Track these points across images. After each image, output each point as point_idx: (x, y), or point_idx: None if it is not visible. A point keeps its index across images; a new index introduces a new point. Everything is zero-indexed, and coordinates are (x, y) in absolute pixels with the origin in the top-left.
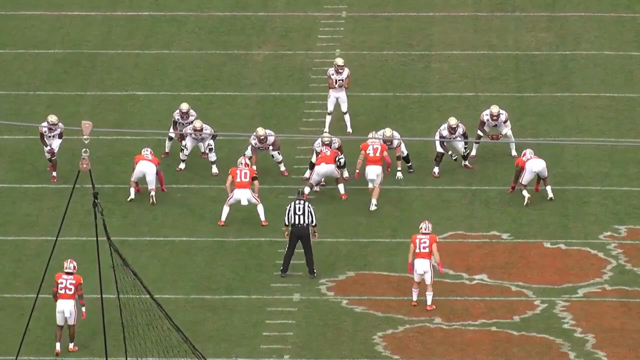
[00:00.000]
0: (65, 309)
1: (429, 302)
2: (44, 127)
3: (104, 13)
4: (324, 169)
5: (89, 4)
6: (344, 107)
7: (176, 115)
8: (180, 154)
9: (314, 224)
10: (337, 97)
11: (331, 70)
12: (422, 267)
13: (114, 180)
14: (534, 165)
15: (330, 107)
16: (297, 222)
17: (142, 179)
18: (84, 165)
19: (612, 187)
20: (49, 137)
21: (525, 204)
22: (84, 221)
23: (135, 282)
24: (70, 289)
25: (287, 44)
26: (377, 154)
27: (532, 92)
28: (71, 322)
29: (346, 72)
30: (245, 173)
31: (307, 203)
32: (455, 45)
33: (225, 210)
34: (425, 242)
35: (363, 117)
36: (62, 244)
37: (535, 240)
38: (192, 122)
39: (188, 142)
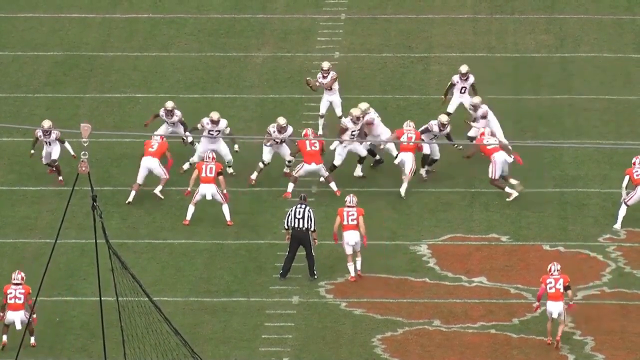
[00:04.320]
0: (16, 319)
1: (358, 267)
2: (38, 132)
3: (102, 15)
4: (313, 167)
5: (88, 6)
6: (338, 111)
7: (161, 112)
8: (191, 159)
9: (312, 229)
10: (331, 101)
11: (319, 75)
12: (353, 239)
13: (113, 182)
14: (503, 155)
15: (323, 110)
16: (296, 226)
17: (149, 177)
18: (83, 168)
19: (612, 190)
20: (47, 142)
21: (518, 192)
22: (83, 224)
23: (134, 285)
24: (19, 298)
25: (286, 46)
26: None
27: (532, 95)
28: (19, 328)
29: (330, 75)
30: (211, 168)
31: (307, 207)
32: (455, 48)
33: (191, 209)
34: (353, 215)
35: None
36: (61, 246)
37: (535, 243)
38: (176, 121)
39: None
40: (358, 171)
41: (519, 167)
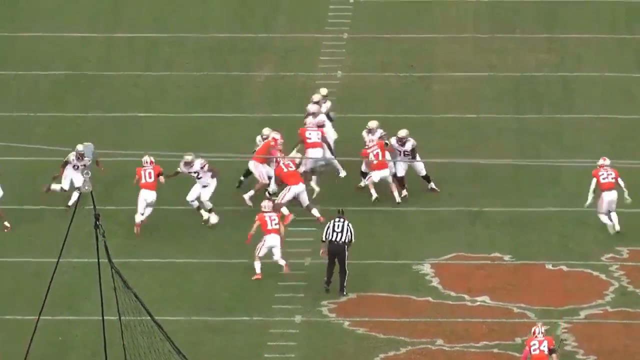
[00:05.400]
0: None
1: (283, 263)
2: (71, 156)
3: (104, 34)
4: (300, 188)
5: (89, 25)
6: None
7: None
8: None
9: (350, 241)
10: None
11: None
12: (273, 242)
13: (115, 201)
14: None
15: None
16: (335, 239)
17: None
18: (86, 187)
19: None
20: (75, 167)
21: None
22: (85, 242)
23: (136, 303)
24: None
25: (288, 65)
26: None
27: (533, 114)
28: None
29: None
30: (150, 173)
31: (347, 221)
32: (456, 67)
33: (138, 218)
34: (275, 219)
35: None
36: (63, 265)
37: (537, 262)
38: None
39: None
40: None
41: (522, 186)
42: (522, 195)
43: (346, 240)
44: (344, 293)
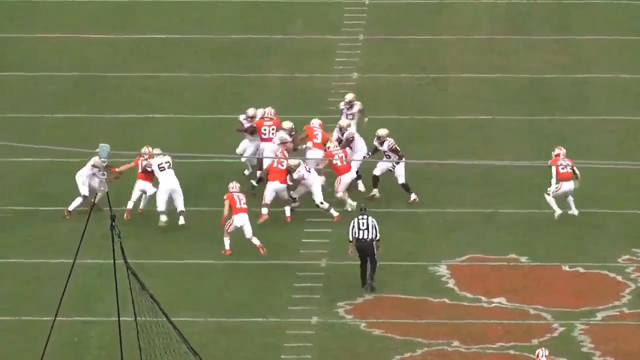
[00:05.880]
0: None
1: (257, 244)
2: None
3: (114, 35)
4: (277, 186)
5: (99, 26)
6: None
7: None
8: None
9: (377, 238)
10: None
11: (341, 105)
12: (242, 221)
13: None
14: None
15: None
16: (362, 237)
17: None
18: (102, 188)
19: (629, 210)
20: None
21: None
22: (101, 244)
23: (152, 304)
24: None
25: (303, 67)
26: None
27: (546, 115)
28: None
29: (356, 106)
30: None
31: (370, 218)
32: (470, 68)
33: (130, 204)
34: (243, 199)
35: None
36: (78, 266)
37: (553, 264)
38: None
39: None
40: (360, 187)
41: (537, 187)
42: (537, 197)
43: (372, 237)
44: (374, 289)
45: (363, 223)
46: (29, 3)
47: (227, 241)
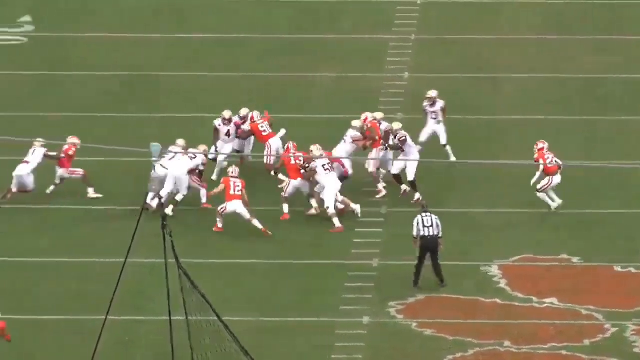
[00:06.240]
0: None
1: (260, 227)
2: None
3: (168, 35)
4: (299, 183)
5: (153, 26)
6: (443, 139)
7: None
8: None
9: (440, 235)
10: (435, 130)
11: (424, 103)
12: (234, 207)
13: (180, 202)
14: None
15: (423, 138)
16: (427, 234)
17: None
18: (153, 187)
19: None
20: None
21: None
22: (151, 243)
23: (203, 304)
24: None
25: (354, 67)
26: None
27: (599, 115)
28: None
29: (439, 104)
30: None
31: (433, 215)
32: (522, 68)
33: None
34: (238, 186)
35: (430, 140)
36: (129, 265)
37: (606, 264)
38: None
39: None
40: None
41: (590, 187)
42: (590, 197)
43: (436, 234)
44: (444, 284)
45: (427, 220)
46: (81, 3)
47: (220, 221)
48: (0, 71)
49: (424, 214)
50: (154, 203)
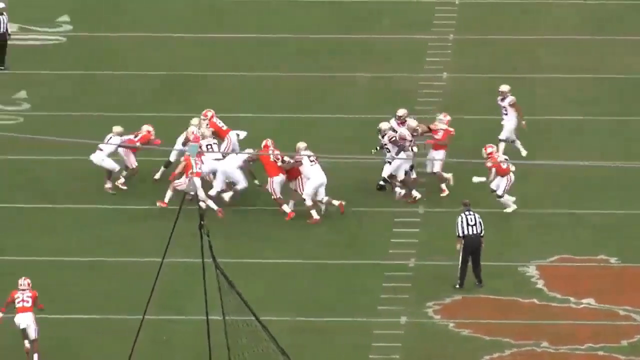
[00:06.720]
0: (23, 321)
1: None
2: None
3: (207, 35)
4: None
5: (194, 26)
6: (502, 135)
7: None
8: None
9: (482, 234)
10: (503, 124)
11: (498, 99)
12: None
13: (217, 201)
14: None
15: (504, 135)
16: (471, 232)
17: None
18: (191, 187)
19: None
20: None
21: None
22: (189, 242)
23: (240, 304)
24: (27, 301)
25: (393, 67)
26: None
27: (635, 116)
28: (33, 335)
29: (508, 99)
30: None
31: (476, 214)
32: (560, 69)
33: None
34: (199, 164)
35: (468, 140)
36: (166, 265)
37: None
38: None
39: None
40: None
41: (627, 188)
42: (627, 198)
43: (480, 232)
44: (482, 284)
45: (471, 219)
46: (119, 3)
47: (169, 194)
48: (39, 71)
49: (467, 213)
50: (227, 195)
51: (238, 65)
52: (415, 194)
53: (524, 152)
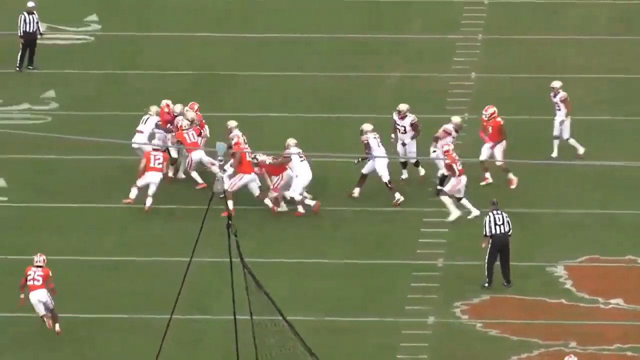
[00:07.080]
0: (34, 298)
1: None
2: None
3: (236, 34)
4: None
5: (222, 26)
6: (565, 134)
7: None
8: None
9: (510, 233)
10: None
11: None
12: (152, 179)
13: (245, 201)
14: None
15: (556, 132)
16: (499, 232)
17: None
18: (219, 187)
19: None
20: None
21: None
22: (217, 242)
23: (267, 304)
24: (38, 280)
25: (421, 66)
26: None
27: None
28: (50, 305)
29: (560, 95)
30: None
31: (504, 213)
32: (590, 69)
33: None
34: (159, 159)
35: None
36: (194, 265)
37: None
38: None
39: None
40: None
41: None
42: None
43: (508, 232)
44: (510, 284)
45: (499, 218)
46: (147, 2)
47: (134, 191)
48: (67, 70)
49: (495, 212)
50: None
51: (266, 66)
52: (398, 196)
53: (581, 150)
